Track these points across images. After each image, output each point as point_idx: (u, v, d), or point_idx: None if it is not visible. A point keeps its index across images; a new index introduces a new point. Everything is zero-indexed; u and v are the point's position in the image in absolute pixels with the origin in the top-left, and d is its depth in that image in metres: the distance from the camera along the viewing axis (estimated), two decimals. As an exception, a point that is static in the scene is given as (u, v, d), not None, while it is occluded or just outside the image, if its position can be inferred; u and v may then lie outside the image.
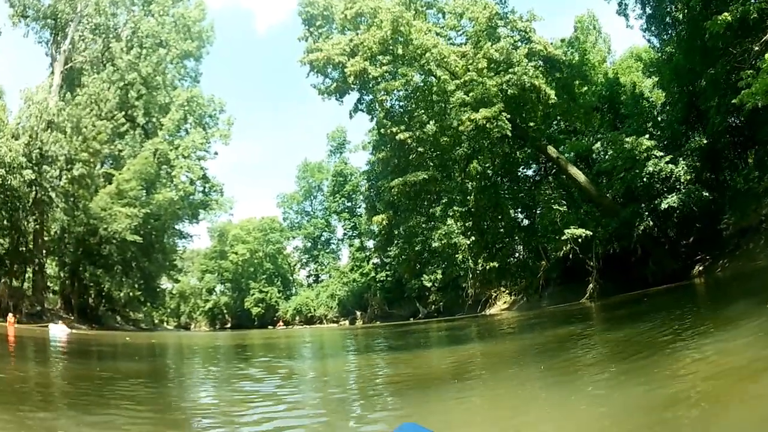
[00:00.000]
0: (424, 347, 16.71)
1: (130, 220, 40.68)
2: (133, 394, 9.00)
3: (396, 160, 33.75)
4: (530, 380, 8.91)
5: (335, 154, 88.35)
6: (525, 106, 31.56)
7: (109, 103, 40.63)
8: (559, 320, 22.78)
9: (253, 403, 7.94)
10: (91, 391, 9.08)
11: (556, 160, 33.24)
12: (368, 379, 10.73)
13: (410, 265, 42.63)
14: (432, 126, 31.74)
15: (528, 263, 37.86)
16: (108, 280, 42.40)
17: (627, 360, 8.93)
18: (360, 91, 34.22)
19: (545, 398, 7.35)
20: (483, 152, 32.18)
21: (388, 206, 34.78)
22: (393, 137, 31.60)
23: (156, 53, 47.19)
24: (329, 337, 32.23)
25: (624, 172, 28.81)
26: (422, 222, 37.07)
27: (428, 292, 61.49)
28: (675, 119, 30.46)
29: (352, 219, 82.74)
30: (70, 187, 38.49)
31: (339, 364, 13.50)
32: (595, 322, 19.97)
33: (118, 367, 14.16)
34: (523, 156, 36.27)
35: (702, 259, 27.48)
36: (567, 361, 10.22)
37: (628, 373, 7.61)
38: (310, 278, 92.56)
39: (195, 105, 49.62)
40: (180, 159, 46.76)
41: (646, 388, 6.31)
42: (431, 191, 33.50)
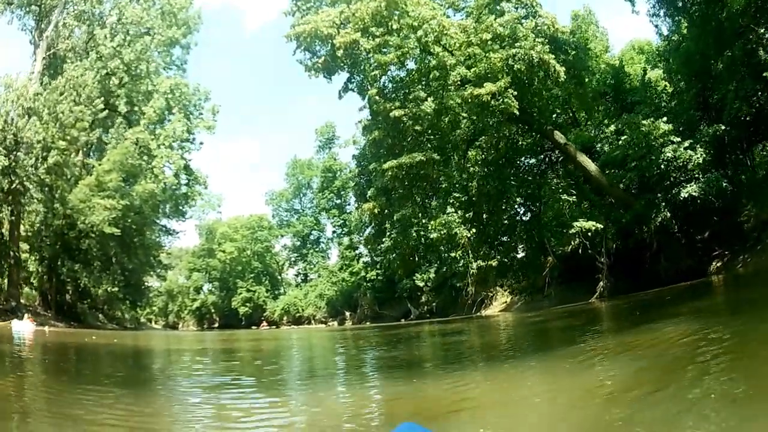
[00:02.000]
0: (425, 367, 12.00)
1: (109, 212, 38.70)
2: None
3: (390, 140, 30.87)
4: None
5: (324, 149, 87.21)
6: (531, 86, 29.44)
7: (87, 89, 38.82)
8: (579, 324, 19.23)
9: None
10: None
11: (563, 147, 31.02)
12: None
13: (404, 260, 39.71)
14: (430, 103, 29.08)
15: (532, 259, 35.42)
16: (86, 276, 40.47)
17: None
18: (350, 70, 32.03)
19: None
20: (488, 131, 29.85)
21: (381, 193, 32.03)
22: (386, 115, 29.08)
23: (141, 40, 45.52)
24: (313, 343, 27.57)
25: (639, 160, 26.86)
26: (418, 211, 33.72)
27: (420, 292, 59.69)
28: (688, 105, 28.64)
29: (341, 216, 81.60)
30: (48, 177, 36.64)
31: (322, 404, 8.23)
32: (625, 325, 15.40)
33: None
34: (528, 143, 33.93)
35: (720, 254, 25.55)
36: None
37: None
38: (298, 277, 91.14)
39: (179, 94, 47.79)
40: (161, 149, 44.84)
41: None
42: (429, 176, 30.64)
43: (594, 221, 28.18)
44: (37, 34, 42.75)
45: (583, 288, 30.89)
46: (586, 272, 31.17)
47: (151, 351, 22.26)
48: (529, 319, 27.41)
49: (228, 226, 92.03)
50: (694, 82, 28.73)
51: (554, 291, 34.38)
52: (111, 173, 41.05)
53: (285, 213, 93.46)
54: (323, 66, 31.14)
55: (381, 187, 31.77)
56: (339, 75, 32.44)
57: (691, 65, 28.51)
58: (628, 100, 33.32)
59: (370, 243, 45.54)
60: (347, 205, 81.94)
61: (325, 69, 31.36)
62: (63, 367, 13.74)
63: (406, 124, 29.27)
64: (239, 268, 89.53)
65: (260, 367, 14.15)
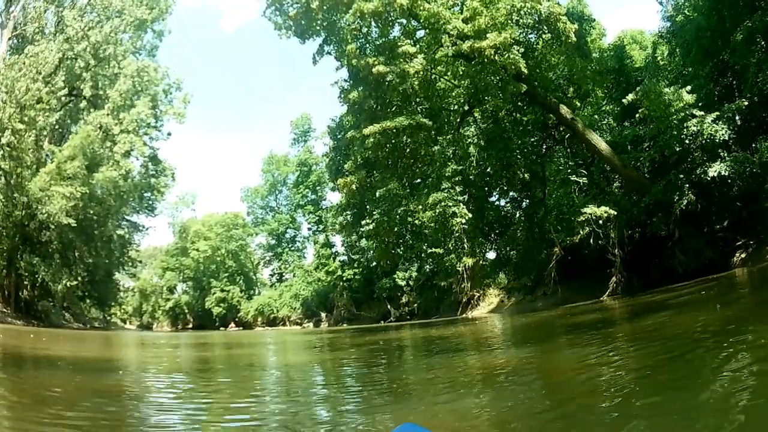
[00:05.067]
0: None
1: (67, 200, 36.18)
2: None
3: (372, 101, 27.27)
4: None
5: (299, 142, 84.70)
6: (534, 51, 27.12)
7: (48, 66, 36.46)
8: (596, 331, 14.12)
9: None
10: None
11: (570, 123, 27.81)
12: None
13: (387, 249, 35.01)
14: (421, 60, 26.05)
15: (533, 252, 32.05)
16: (44, 270, 37.83)
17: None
18: (326, 31, 29.02)
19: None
20: (490, 91, 26.30)
21: (360, 166, 28.22)
22: (368, 73, 25.72)
23: (110, 22, 43.31)
24: (281, 360, 20.90)
25: (659, 135, 24.68)
26: (406, 187, 29.50)
27: (401, 292, 57.27)
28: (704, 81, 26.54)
29: (316, 212, 78.92)
30: (4, 163, 34.29)
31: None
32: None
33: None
34: (530, 118, 30.93)
35: (744, 244, 23.25)
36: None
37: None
38: (273, 277, 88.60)
39: (146, 78, 45.26)
40: (123, 134, 42.34)
41: None
42: (418, 144, 27.17)
43: (605, 207, 25.63)
44: (5, 15, 40.93)
45: (585, 285, 28.47)
46: (589, 267, 28.83)
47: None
48: (531, 322, 23.79)
49: (202, 224, 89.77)
50: (707, 56, 27.01)
51: (552, 289, 30.93)
52: (73, 160, 38.67)
53: (260, 210, 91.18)
54: (295, 24, 28.21)
55: (361, 158, 28.24)
56: (314, 41, 29.64)
57: (702, 41, 26.99)
58: (633, 79, 31.41)
59: (347, 229, 40.50)
60: (323, 200, 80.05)
61: (298, 29, 28.50)
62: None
63: (391, 83, 26.26)
64: (213, 268, 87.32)
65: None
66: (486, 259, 33.05)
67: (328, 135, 35.23)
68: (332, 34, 29.04)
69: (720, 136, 22.58)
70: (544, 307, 31.25)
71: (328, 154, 36.28)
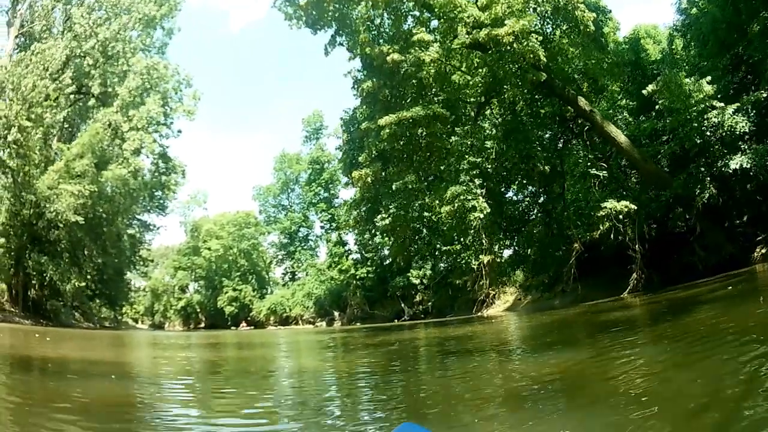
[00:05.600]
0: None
1: (74, 198, 35.66)
2: None
3: (387, 91, 26.46)
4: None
5: (311, 140, 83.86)
6: (551, 42, 26.23)
7: (55, 63, 35.97)
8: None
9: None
10: None
11: (589, 115, 26.88)
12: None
13: (403, 245, 34.45)
14: (437, 49, 25.06)
15: (551, 248, 31.01)
16: (52, 270, 37.29)
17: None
18: (338, 22, 27.97)
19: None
20: (509, 79, 25.11)
21: (375, 158, 27.09)
22: (382, 62, 24.80)
23: (118, 19, 42.87)
24: (292, 365, 19.02)
25: (679, 127, 23.97)
26: (423, 180, 28.72)
27: (415, 291, 56.58)
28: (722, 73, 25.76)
29: (329, 210, 77.98)
30: (11, 161, 33.81)
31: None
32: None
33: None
34: (547, 111, 29.98)
35: (765, 240, 22.52)
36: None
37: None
38: (285, 276, 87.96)
39: (156, 75, 44.71)
40: (133, 132, 41.77)
41: None
42: (435, 136, 25.77)
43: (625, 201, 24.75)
44: (11, 14, 40.67)
45: (603, 283, 27.62)
46: (607, 264, 28.02)
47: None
48: (554, 321, 22.22)
49: (214, 223, 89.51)
50: (723, 47, 26.44)
51: (571, 287, 29.61)
52: (82, 158, 38.22)
53: (272, 209, 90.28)
54: (306, 14, 27.29)
55: (375, 150, 27.25)
56: (325, 32, 28.72)
57: (718, 33, 26.64)
58: (649, 73, 30.68)
59: (361, 224, 39.20)
60: (336, 198, 79.21)
61: (309, 20, 27.60)
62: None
63: (406, 71, 25.34)
64: (225, 267, 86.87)
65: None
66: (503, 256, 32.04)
67: (341, 127, 34.09)
68: (344, 26, 28.16)
69: (740, 128, 22.15)
70: (561, 305, 30.45)
71: (342, 147, 34.93)
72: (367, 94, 27.53)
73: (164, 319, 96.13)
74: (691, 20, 30.05)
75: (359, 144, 29.82)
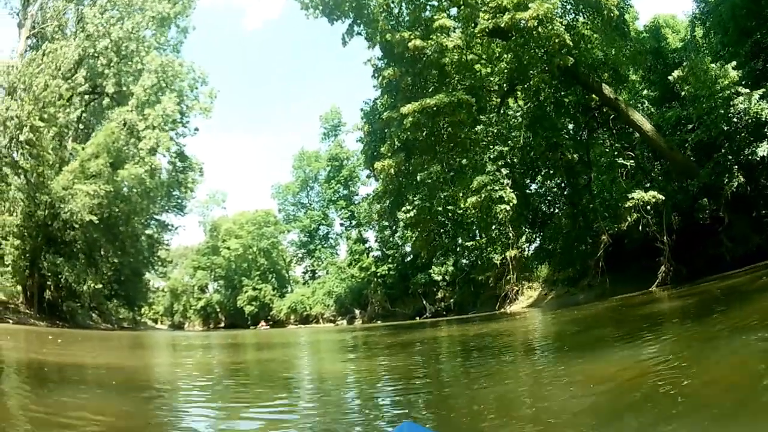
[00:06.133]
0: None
1: (90, 198, 35.16)
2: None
3: (409, 78, 25.14)
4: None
5: (329, 137, 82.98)
6: (573, 29, 25.18)
7: (67, 62, 35.47)
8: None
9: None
10: None
11: (613, 104, 25.88)
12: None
13: (428, 238, 32.87)
14: (459, 34, 24.01)
15: (578, 241, 29.70)
16: (68, 271, 36.79)
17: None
18: (355, 12, 26.72)
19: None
20: (535, 64, 23.92)
21: (399, 149, 25.71)
22: (403, 49, 23.71)
23: (131, 17, 42.39)
24: (307, 358, 17.19)
25: (705, 114, 23.15)
26: (448, 170, 27.22)
27: (436, 287, 55.64)
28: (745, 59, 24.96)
29: (349, 208, 77.00)
30: (24, 161, 33.36)
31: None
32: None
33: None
34: (571, 100, 28.89)
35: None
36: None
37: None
38: (306, 275, 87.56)
39: (171, 72, 44.17)
40: (149, 130, 41.26)
41: None
42: (459, 124, 24.42)
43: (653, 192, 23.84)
44: (22, 15, 40.16)
45: (628, 277, 26.57)
46: (631, 258, 27.08)
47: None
48: (586, 316, 21.17)
49: (233, 222, 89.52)
50: (743, 34, 25.89)
51: (599, 281, 28.57)
52: (97, 158, 37.80)
53: (291, 207, 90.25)
54: (323, 3, 26.28)
55: (398, 141, 25.97)
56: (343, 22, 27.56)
57: (738, 20, 26.14)
58: (671, 62, 30.01)
59: (384, 217, 37.73)
60: (355, 195, 78.37)
61: (326, 9, 26.62)
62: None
63: (428, 57, 24.22)
64: (245, 266, 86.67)
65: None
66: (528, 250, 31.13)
67: (361, 119, 33.05)
68: (361, 16, 27.10)
69: (766, 114, 21.42)
70: (586, 299, 29.60)
71: (363, 139, 33.78)
72: (387, 83, 26.51)
73: (184, 319, 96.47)
74: (710, 8, 29.75)
75: (381, 135, 28.75)
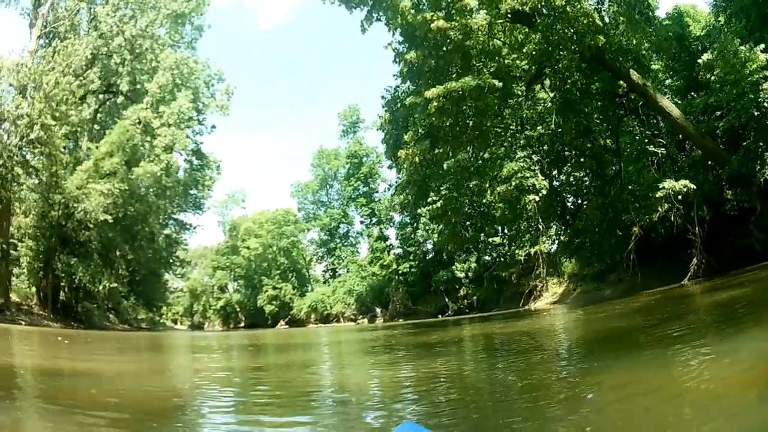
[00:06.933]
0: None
1: (103, 197, 34.59)
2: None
3: (433, 61, 23.92)
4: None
5: (348, 134, 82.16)
6: (599, 12, 24.03)
7: (78, 59, 34.96)
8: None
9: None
10: None
11: (642, 89, 24.75)
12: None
13: (454, 232, 31.83)
14: (485, 15, 22.91)
15: (608, 233, 27.96)
16: (82, 271, 36.24)
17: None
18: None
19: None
20: (564, 44, 22.91)
21: (423, 136, 24.56)
22: (426, 31, 22.60)
23: (145, 15, 41.94)
24: (328, 363, 16.28)
25: (735, 99, 22.19)
26: (477, 162, 25.88)
27: (459, 285, 54.55)
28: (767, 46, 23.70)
29: (369, 205, 76.07)
30: (36, 161, 32.84)
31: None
32: None
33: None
34: (598, 86, 27.58)
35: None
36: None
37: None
38: (326, 273, 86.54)
39: (186, 70, 43.73)
40: (164, 128, 40.72)
41: None
42: (484, 115, 23.44)
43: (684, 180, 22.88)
44: (33, 15, 39.73)
45: (655, 270, 25.63)
46: (658, 251, 26.26)
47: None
48: (624, 312, 18.80)
49: (252, 222, 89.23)
50: (765, 24, 25.36)
51: (630, 274, 27.22)
52: (111, 157, 37.27)
53: (311, 206, 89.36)
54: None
55: (422, 127, 24.94)
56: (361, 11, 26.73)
57: (760, 6, 25.78)
58: (695, 50, 29.04)
59: (408, 208, 35.98)
60: (375, 192, 77.57)
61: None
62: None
63: (453, 39, 23.15)
64: (265, 265, 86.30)
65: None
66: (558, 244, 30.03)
67: (382, 107, 32.02)
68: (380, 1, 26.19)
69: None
70: (613, 295, 28.41)
71: (384, 128, 32.60)
72: (409, 70, 25.63)
73: (203, 320, 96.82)
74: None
75: (403, 124, 27.83)
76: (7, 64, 31.98)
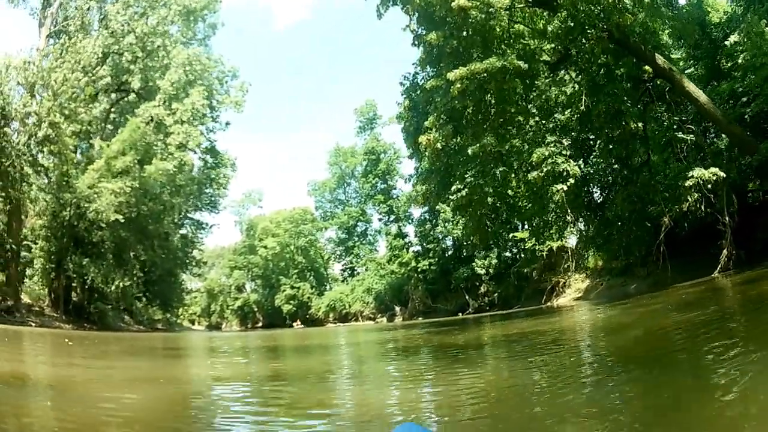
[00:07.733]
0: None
1: (115, 196, 33.94)
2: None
3: (454, 42, 22.73)
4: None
5: (365, 130, 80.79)
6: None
7: (87, 56, 34.42)
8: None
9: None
10: None
11: (668, 74, 23.75)
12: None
13: (480, 224, 29.78)
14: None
15: (636, 224, 26.88)
16: (94, 272, 35.63)
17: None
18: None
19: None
20: (591, 22, 21.93)
21: (444, 121, 23.29)
22: (446, 9, 21.47)
23: (156, 12, 41.36)
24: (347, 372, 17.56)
25: (762, 84, 21.74)
26: (503, 146, 24.63)
27: (479, 282, 53.63)
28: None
29: (387, 202, 74.98)
30: (45, 159, 32.38)
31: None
32: None
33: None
34: (622, 72, 26.57)
35: None
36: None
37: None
38: (344, 272, 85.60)
39: (198, 67, 43.12)
40: (177, 125, 40.08)
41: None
42: (507, 101, 22.55)
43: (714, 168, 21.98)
44: (42, 14, 39.35)
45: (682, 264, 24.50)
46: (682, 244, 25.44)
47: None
48: (658, 309, 16.97)
49: (270, 221, 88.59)
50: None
51: (661, 268, 25.95)
52: (124, 155, 36.63)
53: (329, 204, 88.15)
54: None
55: (445, 111, 23.64)
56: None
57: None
58: (716, 38, 28.66)
59: (430, 199, 34.03)
60: (393, 189, 76.47)
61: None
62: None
63: (475, 20, 22.00)
64: (282, 265, 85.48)
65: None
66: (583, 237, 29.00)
67: (401, 94, 30.82)
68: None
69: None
70: (638, 290, 27.37)
71: (403, 115, 31.31)
72: (428, 53, 24.41)
73: (221, 320, 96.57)
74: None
75: (423, 110, 26.69)
76: (15, 62, 31.43)
